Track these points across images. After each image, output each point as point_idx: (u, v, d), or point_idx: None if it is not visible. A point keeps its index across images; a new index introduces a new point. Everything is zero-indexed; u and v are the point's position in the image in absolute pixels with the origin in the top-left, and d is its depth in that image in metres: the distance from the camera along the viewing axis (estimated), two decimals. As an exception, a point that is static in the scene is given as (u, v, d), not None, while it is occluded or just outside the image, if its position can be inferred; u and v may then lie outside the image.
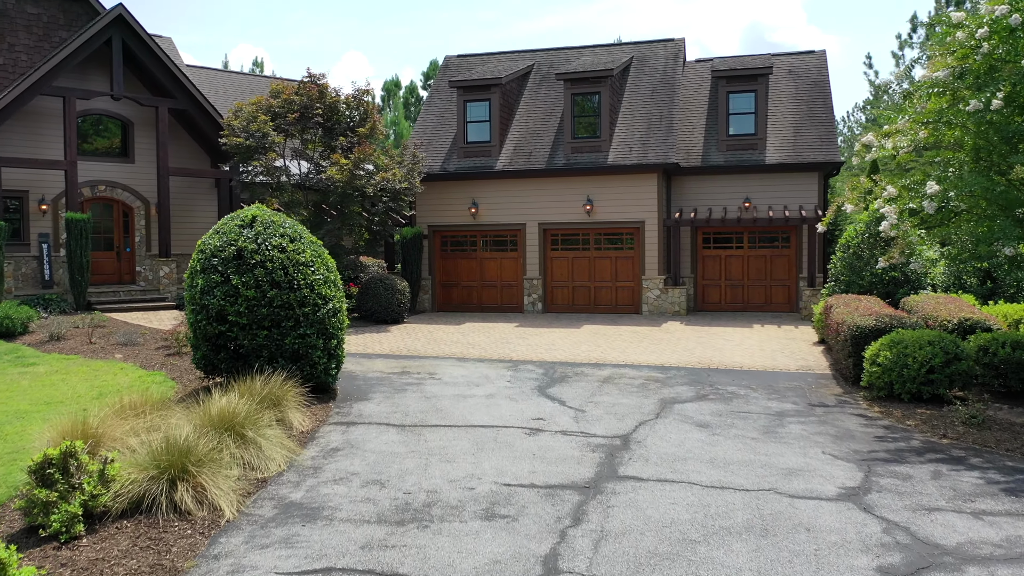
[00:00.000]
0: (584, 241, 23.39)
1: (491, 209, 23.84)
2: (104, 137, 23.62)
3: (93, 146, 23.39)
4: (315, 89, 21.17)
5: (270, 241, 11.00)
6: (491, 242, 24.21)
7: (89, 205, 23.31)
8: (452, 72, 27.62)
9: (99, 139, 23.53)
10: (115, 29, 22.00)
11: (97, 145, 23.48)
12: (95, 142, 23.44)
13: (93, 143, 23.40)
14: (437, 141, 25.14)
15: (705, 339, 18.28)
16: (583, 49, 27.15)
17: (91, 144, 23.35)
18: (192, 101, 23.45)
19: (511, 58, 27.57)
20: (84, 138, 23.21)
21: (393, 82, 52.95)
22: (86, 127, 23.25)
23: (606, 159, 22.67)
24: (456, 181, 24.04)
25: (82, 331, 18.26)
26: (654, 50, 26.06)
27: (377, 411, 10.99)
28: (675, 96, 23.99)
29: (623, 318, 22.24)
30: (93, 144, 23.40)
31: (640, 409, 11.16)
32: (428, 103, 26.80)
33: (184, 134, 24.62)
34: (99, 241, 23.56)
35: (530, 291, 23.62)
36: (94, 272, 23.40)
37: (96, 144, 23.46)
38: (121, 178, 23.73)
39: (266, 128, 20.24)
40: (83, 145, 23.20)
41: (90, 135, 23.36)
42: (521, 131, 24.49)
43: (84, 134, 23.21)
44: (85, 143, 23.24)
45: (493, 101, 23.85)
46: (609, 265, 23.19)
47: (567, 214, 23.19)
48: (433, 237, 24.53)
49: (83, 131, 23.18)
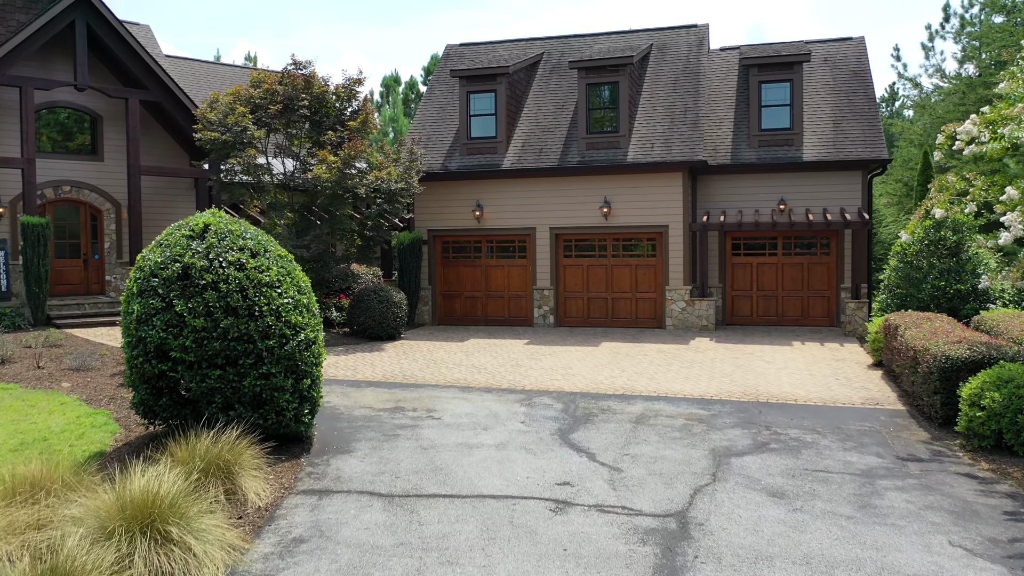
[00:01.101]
0: (600, 247, 21.12)
1: (497, 212, 21.57)
2: (70, 132, 21.37)
3: (57, 142, 21.14)
4: (300, 79, 18.91)
5: (225, 256, 8.73)
6: (497, 248, 21.94)
7: (52, 208, 21.05)
8: (455, 61, 25.35)
9: (64, 134, 21.27)
10: (78, 12, 19.74)
11: (62, 141, 21.23)
12: (59, 138, 21.19)
13: (57, 139, 21.15)
14: (438, 137, 22.87)
15: (742, 360, 16.00)
16: (597, 36, 24.88)
17: (55, 140, 21.10)
18: (167, 92, 21.18)
19: (518, 46, 25.30)
20: (47, 133, 20.96)
21: (392, 77, 50.68)
22: (49, 121, 20.99)
23: (625, 156, 20.40)
24: (459, 181, 21.78)
25: (33, 352, 16.01)
26: (676, 37, 23.78)
27: (360, 470, 8.71)
28: (700, 87, 21.70)
29: (645, 334, 19.96)
30: (57, 140, 21.15)
31: (690, 466, 8.88)
32: (428, 95, 24.54)
33: (159, 129, 22.37)
34: (64, 248, 21.30)
35: (541, 303, 21.35)
36: (58, 282, 21.16)
37: (61, 140, 21.21)
38: (89, 178, 21.47)
39: (245, 121, 17.99)
40: (46, 141, 20.94)
41: (54, 130, 21.11)
42: (530, 125, 22.22)
43: (47, 129, 20.96)
44: (48, 139, 20.98)
45: (499, 92, 21.58)
46: (628, 274, 20.91)
47: (582, 217, 20.92)
48: (433, 243, 22.26)
49: (45, 126, 20.93)
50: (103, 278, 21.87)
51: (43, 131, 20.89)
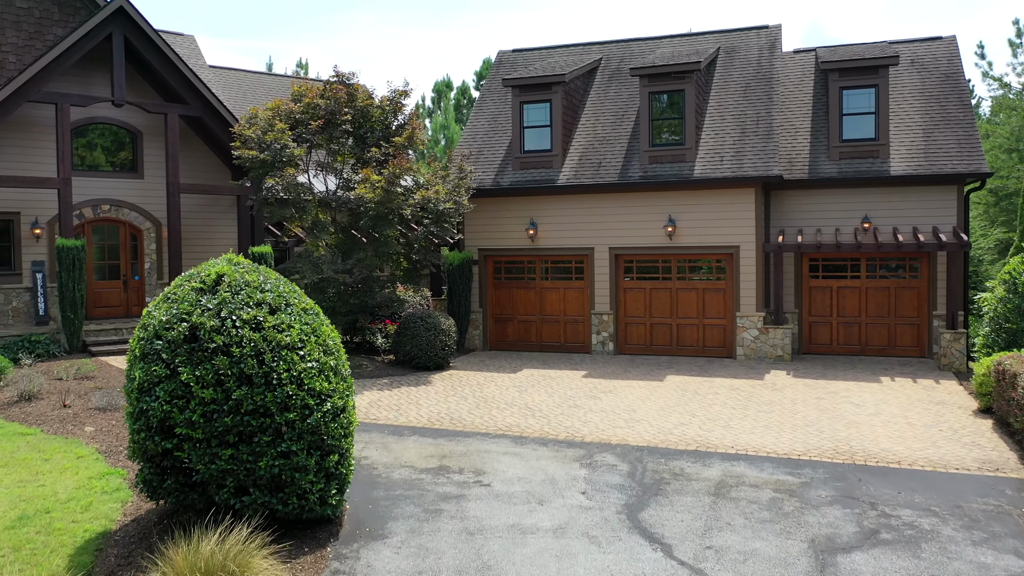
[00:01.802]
0: (664, 269, 19.53)
1: (553, 230, 20.15)
2: (109, 149, 20.63)
3: (95, 159, 20.41)
4: (343, 91, 17.77)
5: (239, 314, 7.50)
6: (553, 269, 20.52)
7: (91, 228, 20.33)
8: (507, 69, 24.01)
9: (102, 151, 20.54)
10: (115, 24, 18.94)
11: (100, 158, 20.50)
12: (98, 155, 20.46)
13: (96, 156, 20.42)
14: (489, 149, 21.55)
15: (827, 402, 14.30)
16: (658, 40, 23.26)
17: (93, 157, 20.38)
18: (207, 107, 20.28)
19: (575, 52, 23.82)
20: (85, 151, 20.24)
21: (444, 83, 49.58)
22: (87, 138, 20.27)
23: (692, 171, 18.79)
24: (511, 197, 20.42)
25: (62, 386, 15.18)
26: (745, 39, 22.03)
27: (394, 567, 7.38)
28: (773, 94, 19.95)
29: (714, 365, 18.32)
30: (96, 157, 20.42)
31: (788, 568, 7.35)
32: (479, 105, 23.24)
33: (200, 144, 21.51)
34: (103, 269, 20.57)
35: (599, 328, 19.86)
36: (97, 304, 20.44)
37: (99, 157, 20.48)
38: (129, 196, 20.71)
39: (284, 138, 16.91)
40: (83, 158, 20.23)
41: (92, 147, 20.39)
42: (588, 137, 20.75)
43: (84, 146, 20.24)
44: (86, 156, 20.27)
45: (555, 102, 20.15)
46: (695, 299, 19.28)
47: (644, 237, 19.37)
48: (485, 263, 20.94)
49: (83, 143, 20.21)
50: (143, 300, 21.09)
51: (81, 148, 20.18)
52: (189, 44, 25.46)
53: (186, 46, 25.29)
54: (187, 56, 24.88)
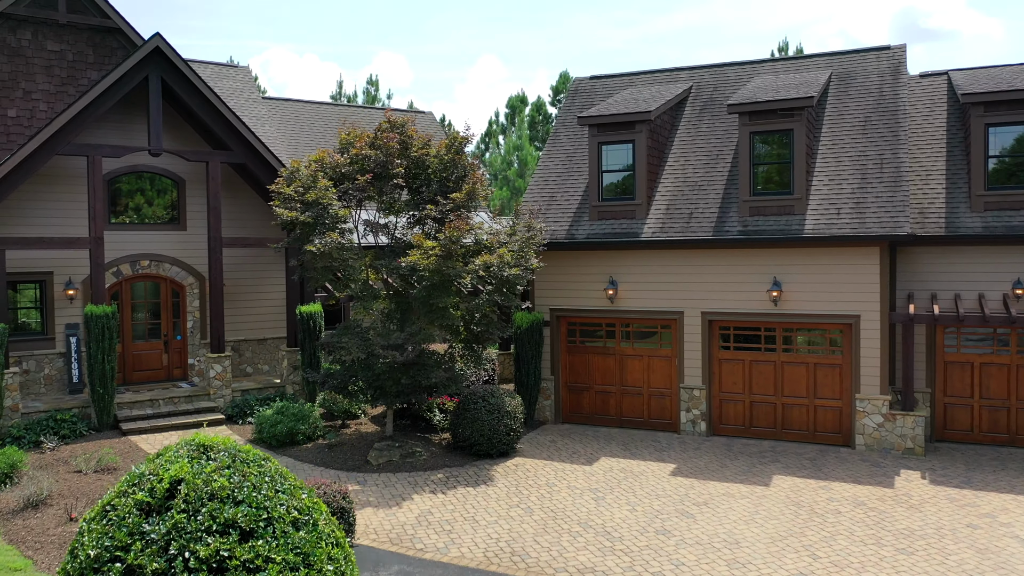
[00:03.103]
0: (768, 339, 16.69)
1: (635, 290, 17.54)
2: (148, 199, 19.00)
3: (134, 211, 18.81)
4: (395, 140, 15.57)
5: (196, 548, 5.25)
6: (635, 334, 17.90)
7: (129, 285, 18.73)
8: (583, 99, 21.47)
9: (142, 202, 18.92)
10: (152, 66, 17.23)
11: (139, 210, 18.88)
12: (137, 206, 18.85)
13: (134, 207, 18.82)
14: (563, 194, 19.06)
15: (983, 534, 11.33)
16: (757, 65, 20.34)
17: (131, 209, 18.78)
18: (252, 153, 18.43)
19: (660, 79, 21.11)
20: (122, 201, 18.65)
21: (518, 98, 47.27)
22: (125, 188, 18.68)
23: (802, 225, 15.90)
24: (588, 251, 17.90)
25: (77, 484, 13.45)
26: (862, 64, 18.92)
27: None
28: (900, 130, 16.85)
29: (828, 457, 15.39)
30: (134, 208, 18.82)
31: None
32: (553, 141, 20.76)
33: (247, 191, 19.71)
34: (142, 330, 18.96)
35: (689, 404, 17.14)
36: (136, 368, 18.84)
37: (138, 208, 18.87)
38: (170, 249, 19.04)
39: (327, 197, 14.81)
40: (120, 210, 18.64)
41: (130, 197, 18.79)
42: (676, 182, 18.04)
43: (122, 196, 18.65)
44: (123, 208, 18.67)
45: (639, 143, 17.52)
46: (805, 375, 16.37)
47: (743, 301, 16.57)
48: (557, 325, 18.47)
49: (121, 193, 18.62)
50: (186, 362, 19.41)
51: (119, 199, 18.59)
52: (243, 76, 23.83)
53: (239, 79, 23.67)
54: (239, 90, 23.25)
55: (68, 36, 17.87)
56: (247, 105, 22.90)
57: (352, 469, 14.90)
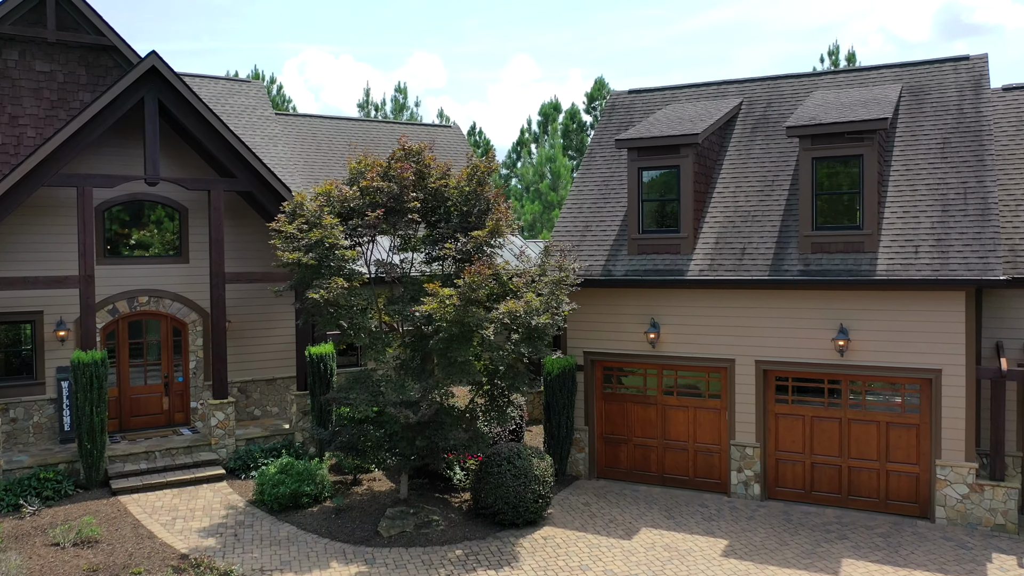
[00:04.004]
0: (832, 393, 14.70)
1: (680, 334, 15.66)
2: (147, 230, 17.54)
3: (131, 243, 17.35)
4: (410, 171, 13.86)
5: None
6: (680, 383, 16.01)
7: (126, 324, 17.28)
8: (621, 116, 19.60)
9: (140, 233, 17.47)
10: (148, 87, 15.74)
11: (137, 242, 17.43)
12: (134, 238, 17.40)
13: (131, 239, 17.37)
14: (598, 224, 17.22)
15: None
16: (816, 78, 18.30)
17: (128, 241, 17.33)
18: (258, 180, 16.88)
19: (706, 93, 19.15)
20: (118, 232, 17.21)
21: (551, 105, 45.42)
22: (121, 217, 17.23)
23: (873, 266, 13.90)
24: (627, 289, 16.05)
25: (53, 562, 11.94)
26: (937, 76, 16.81)
27: None
28: (986, 154, 14.77)
29: (904, 533, 13.39)
30: (131, 240, 17.36)
31: None
32: (587, 164, 18.92)
33: (254, 219, 18.15)
34: (140, 373, 17.50)
35: (742, 464, 15.21)
36: (134, 413, 17.41)
37: (136, 241, 17.41)
38: (171, 284, 17.57)
39: (333, 236, 13.15)
40: (116, 243, 17.20)
41: (127, 228, 17.34)
42: (726, 212, 16.11)
43: (118, 227, 17.21)
44: (119, 240, 17.23)
45: (684, 169, 15.62)
46: (875, 434, 14.36)
47: (803, 349, 14.61)
48: (592, 369, 16.64)
49: (117, 224, 17.17)
50: (188, 405, 17.93)
51: (114, 230, 17.16)
52: (255, 92, 22.34)
53: (251, 95, 22.18)
54: (251, 107, 21.76)
55: (59, 55, 16.45)
56: (259, 123, 21.41)
57: (360, 542, 13.22)
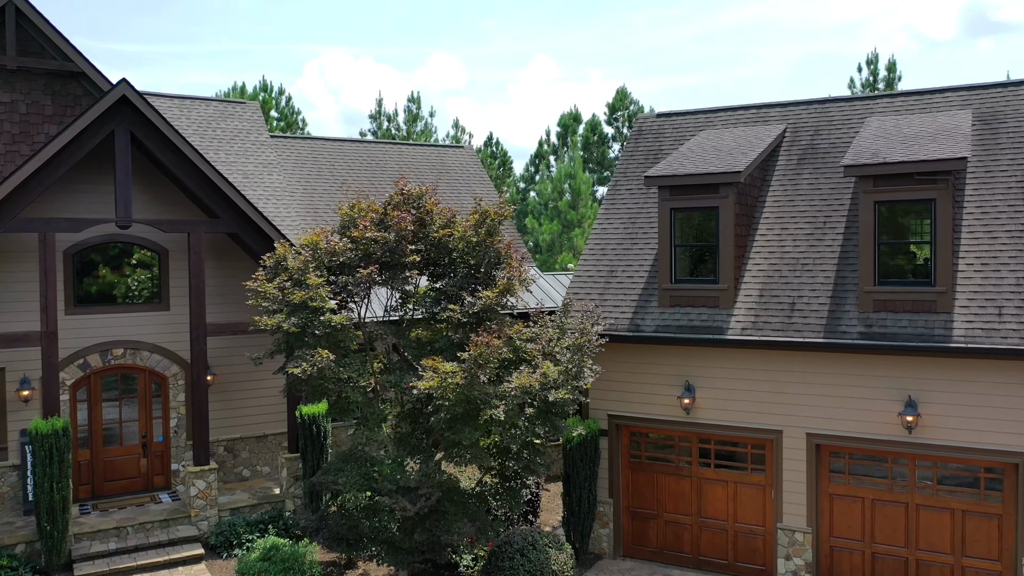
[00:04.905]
0: (897, 474, 12.70)
1: (718, 399, 13.72)
2: (123, 275, 15.85)
3: (105, 290, 15.66)
4: (409, 220, 12.03)
5: None
6: (718, 454, 14.07)
7: (99, 379, 15.60)
8: (648, 143, 17.66)
9: (115, 278, 15.77)
10: (119, 119, 14.03)
11: (112, 288, 15.74)
12: (109, 284, 15.71)
13: (105, 285, 15.68)
14: (624, 270, 15.30)
15: None
16: (871, 102, 16.26)
17: (102, 287, 15.64)
18: (243, 221, 15.15)
19: (744, 118, 17.17)
20: (90, 279, 15.53)
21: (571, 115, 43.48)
22: (93, 261, 15.55)
23: (948, 329, 11.89)
24: (657, 346, 14.14)
25: None
26: (1013, 101, 14.74)
27: None
28: (1076, 195, 12.70)
29: (988, 649, 11.38)
30: (106, 286, 15.67)
31: None
32: (611, 198, 16.99)
33: (242, 259, 16.40)
34: (114, 433, 15.81)
35: (790, 551, 13.24)
36: (108, 478, 15.76)
37: (110, 286, 15.72)
38: (149, 334, 15.88)
39: (319, 298, 11.33)
40: (88, 289, 15.52)
41: (101, 275, 15.65)
42: (771, 258, 14.15)
43: (90, 272, 15.52)
44: (92, 286, 15.55)
45: (724, 210, 13.68)
46: (949, 524, 12.34)
47: (863, 422, 12.63)
48: (617, 435, 14.75)
49: (88, 268, 15.49)
50: (168, 468, 16.23)
51: (86, 276, 15.47)
52: (249, 114, 20.62)
53: (245, 117, 20.47)
54: (245, 131, 20.05)
55: (20, 84, 14.78)
56: (253, 149, 19.70)
57: (350, 651, 11.44)
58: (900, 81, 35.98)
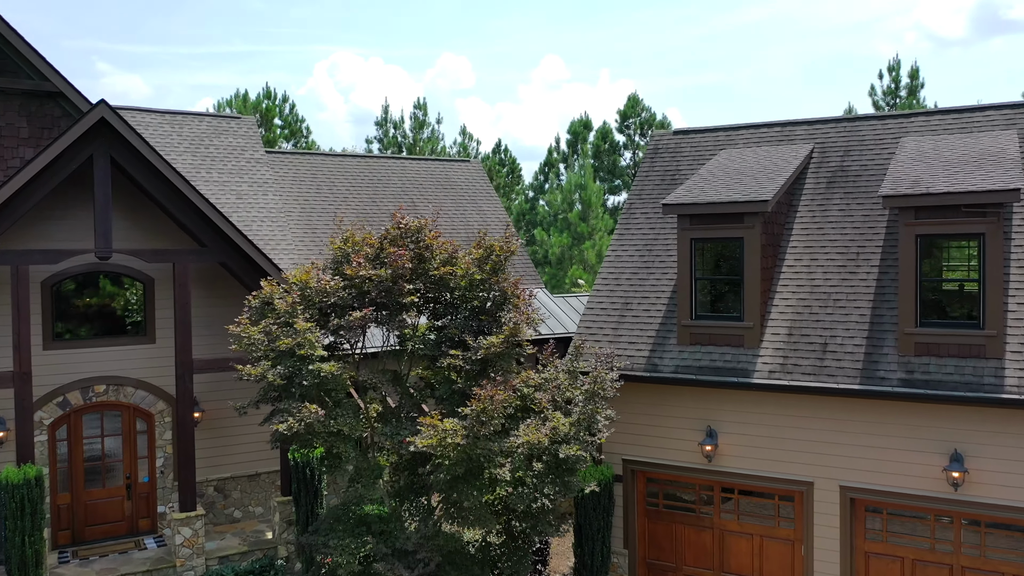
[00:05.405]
0: (941, 533, 11.62)
1: (742, 446, 12.67)
2: (105, 306, 14.90)
3: (87, 322, 14.71)
4: (406, 257, 11.01)
5: None
6: (742, 504, 13.01)
7: (80, 418, 14.66)
8: (665, 162, 16.61)
9: (97, 310, 14.83)
10: (97, 142, 13.09)
11: (94, 320, 14.79)
12: (91, 315, 14.76)
13: (87, 318, 14.73)
14: (640, 302, 14.26)
15: None
16: (904, 119, 15.15)
17: (83, 320, 14.69)
18: (232, 250, 14.18)
19: (767, 136, 16.09)
20: (71, 311, 14.58)
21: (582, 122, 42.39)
22: (74, 292, 14.61)
23: (999, 377, 10.81)
24: (676, 387, 13.09)
25: None
26: (1060, 120, 13.63)
27: None
28: None
29: None
30: (87, 318, 14.73)
31: None
32: (625, 222, 15.94)
33: (233, 287, 15.41)
34: (96, 474, 14.87)
35: (821, 613, 12.19)
36: (90, 522, 14.81)
37: (92, 318, 14.77)
38: (133, 369, 14.92)
39: (308, 344, 10.34)
40: (68, 322, 14.57)
41: (81, 305, 14.71)
42: (799, 292, 13.07)
43: (71, 304, 14.58)
44: (72, 319, 14.60)
45: (749, 242, 12.62)
46: (999, 591, 11.26)
47: (904, 476, 11.56)
48: (632, 481, 13.71)
49: (69, 300, 14.55)
50: (155, 510, 15.27)
51: (65, 308, 14.53)
52: (245, 130, 19.66)
53: (241, 133, 19.52)
54: (240, 148, 19.11)
55: (-7, 106, 13.90)
56: (247, 167, 18.73)
57: None
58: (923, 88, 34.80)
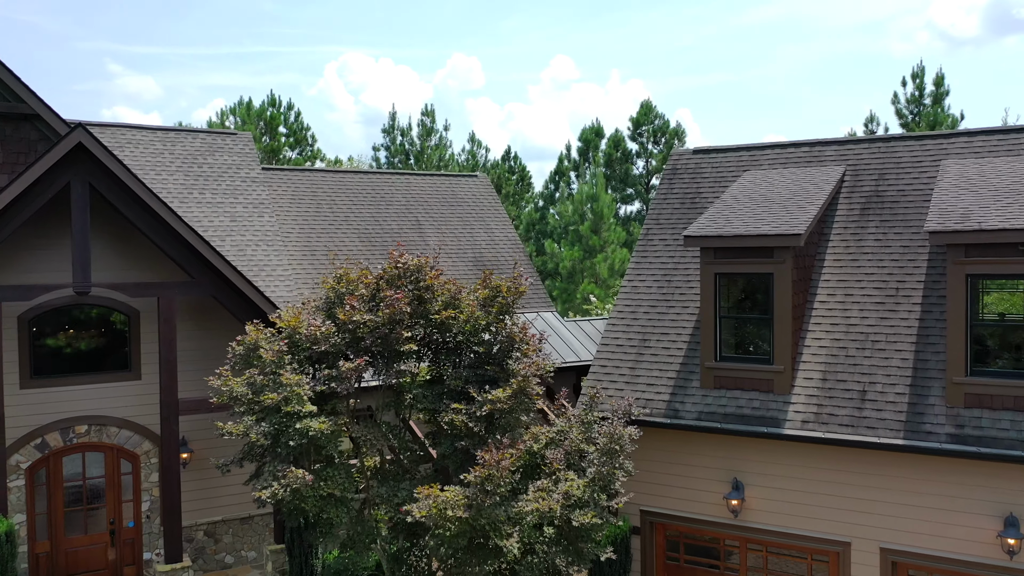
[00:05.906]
0: (994, 604, 10.55)
1: (772, 500, 11.63)
2: (87, 342, 13.98)
3: (66, 359, 13.79)
4: (404, 301, 10.02)
5: None
6: (771, 563, 11.96)
7: (59, 460, 13.74)
8: (684, 184, 15.57)
9: (78, 346, 13.91)
10: (73, 169, 12.17)
11: (74, 357, 13.87)
12: (70, 352, 13.84)
13: (66, 355, 13.81)
14: (658, 339, 13.22)
15: None
16: (943, 139, 14.04)
17: (63, 357, 13.77)
18: (221, 282, 13.24)
19: (794, 157, 15.02)
20: (49, 347, 13.67)
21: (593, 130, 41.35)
22: (53, 327, 13.69)
23: (1061, 435, 9.73)
24: (699, 434, 12.06)
25: None
26: (1118, 143, 12.52)
27: None
28: None
29: None
30: (65, 356, 13.81)
31: None
32: (642, 250, 14.90)
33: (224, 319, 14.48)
34: (77, 519, 13.95)
35: None
36: (72, 570, 13.90)
37: (72, 355, 13.85)
38: (117, 408, 13.99)
39: (295, 399, 9.37)
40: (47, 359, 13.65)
41: (61, 340, 13.79)
42: (834, 332, 12.01)
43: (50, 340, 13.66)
44: (51, 356, 13.68)
45: (779, 279, 11.57)
46: (1060, 671, 10.17)
47: (951, 539, 10.50)
48: (651, 534, 12.68)
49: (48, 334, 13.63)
50: (140, 557, 14.34)
51: (44, 344, 13.62)
52: (241, 147, 18.73)
53: (236, 150, 18.60)
54: (235, 166, 18.19)
55: (-36, 130, 13.01)
56: (243, 187, 17.80)
57: None
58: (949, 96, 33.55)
